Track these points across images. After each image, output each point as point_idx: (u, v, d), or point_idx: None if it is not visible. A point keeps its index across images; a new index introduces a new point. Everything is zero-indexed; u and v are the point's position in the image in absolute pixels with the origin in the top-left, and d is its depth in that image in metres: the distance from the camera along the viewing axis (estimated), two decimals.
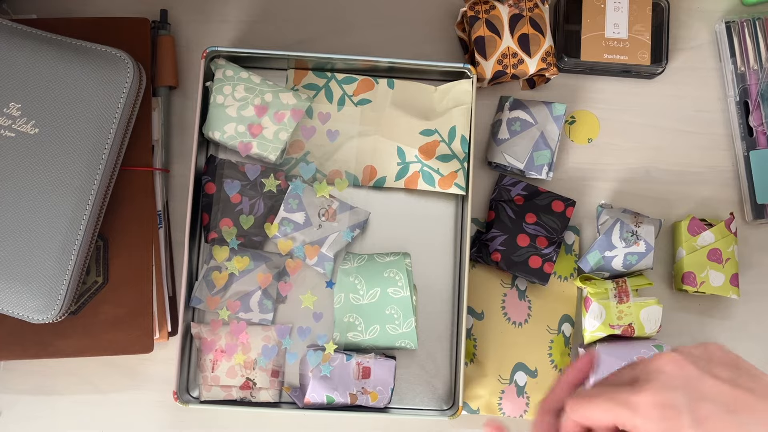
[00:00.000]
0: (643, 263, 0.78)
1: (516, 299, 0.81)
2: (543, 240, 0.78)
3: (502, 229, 0.79)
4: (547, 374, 0.79)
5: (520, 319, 0.80)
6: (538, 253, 0.78)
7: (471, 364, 0.80)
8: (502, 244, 0.78)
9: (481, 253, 0.80)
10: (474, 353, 0.80)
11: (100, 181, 0.72)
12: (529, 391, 0.79)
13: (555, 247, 0.78)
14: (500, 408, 0.79)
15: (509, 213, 0.79)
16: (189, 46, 0.84)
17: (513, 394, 0.79)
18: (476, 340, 0.80)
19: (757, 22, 0.83)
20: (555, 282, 0.81)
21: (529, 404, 0.79)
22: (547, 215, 0.79)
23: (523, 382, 0.79)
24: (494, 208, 0.80)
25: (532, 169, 0.80)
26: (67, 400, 0.80)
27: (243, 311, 0.78)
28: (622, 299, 0.77)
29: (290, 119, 0.78)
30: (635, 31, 0.82)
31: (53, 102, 0.71)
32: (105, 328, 0.76)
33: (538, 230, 0.78)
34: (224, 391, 0.77)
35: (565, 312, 0.81)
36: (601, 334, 0.78)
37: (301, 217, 0.78)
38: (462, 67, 0.79)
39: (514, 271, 0.79)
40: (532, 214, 0.79)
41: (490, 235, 0.79)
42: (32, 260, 0.70)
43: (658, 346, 0.78)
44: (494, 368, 0.79)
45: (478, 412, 0.79)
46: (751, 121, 0.83)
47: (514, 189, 0.81)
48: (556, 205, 0.80)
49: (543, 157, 0.80)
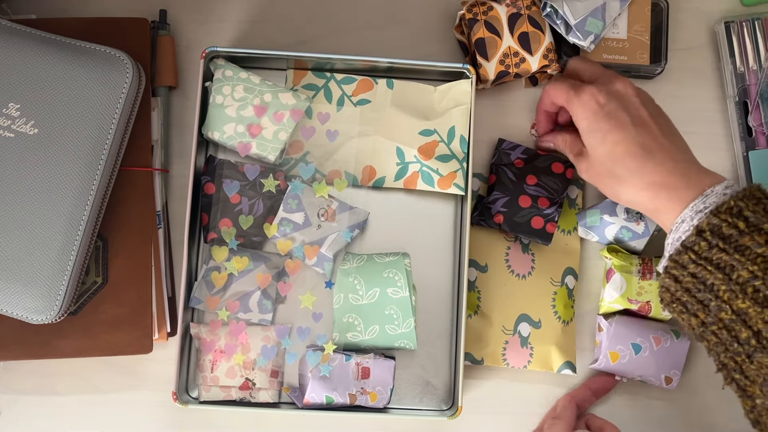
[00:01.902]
0: (634, 244, 0.79)
1: (519, 252, 0.81)
2: (545, 200, 0.79)
3: (504, 191, 0.79)
4: (551, 326, 0.80)
5: (524, 271, 0.81)
6: (540, 214, 0.79)
7: (475, 315, 0.80)
8: (504, 205, 0.79)
9: (483, 216, 0.80)
10: (478, 305, 0.80)
11: (100, 181, 0.72)
12: (533, 341, 0.79)
13: (557, 207, 0.79)
14: (504, 359, 0.79)
15: (510, 175, 0.80)
16: (188, 46, 0.84)
17: (517, 345, 0.79)
18: (480, 293, 0.80)
19: (757, 22, 0.83)
20: (558, 235, 0.82)
21: (532, 355, 0.79)
22: (547, 176, 0.80)
23: (527, 333, 0.79)
24: (495, 172, 0.81)
25: (580, 32, 0.79)
26: (66, 400, 0.80)
27: (242, 311, 0.78)
28: (645, 276, 0.78)
29: (289, 119, 0.78)
30: (634, 32, 0.82)
31: (52, 102, 0.71)
32: (104, 329, 0.76)
33: (539, 191, 0.79)
34: (223, 392, 0.77)
35: (568, 265, 0.81)
36: (618, 306, 0.79)
37: (300, 218, 0.79)
38: (461, 68, 0.79)
39: (517, 232, 0.79)
40: (532, 176, 0.79)
41: (491, 198, 0.80)
42: (31, 260, 0.70)
43: (676, 332, 0.78)
44: (498, 319, 0.80)
45: (482, 362, 0.79)
46: (750, 121, 0.82)
47: (513, 153, 0.81)
48: (555, 166, 0.80)
49: (595, 26, 0.78)
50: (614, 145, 0.68)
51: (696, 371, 0.82)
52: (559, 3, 0.79)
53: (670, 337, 0.78)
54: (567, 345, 0.80)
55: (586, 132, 0.70)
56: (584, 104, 0.70)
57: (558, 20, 0.80)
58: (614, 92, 0.70)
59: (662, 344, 0.78)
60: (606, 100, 0.69)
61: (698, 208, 0.62)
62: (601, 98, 0.69)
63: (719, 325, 0.60)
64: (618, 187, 0.68)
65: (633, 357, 0.78)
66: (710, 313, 0.61)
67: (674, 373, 0.79)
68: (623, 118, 0.68)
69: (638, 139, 0.67)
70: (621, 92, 0.70)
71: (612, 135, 0.68)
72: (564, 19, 0.79)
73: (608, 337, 0.78)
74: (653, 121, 0.69)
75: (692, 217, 0.62)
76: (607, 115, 0.69)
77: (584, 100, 0.70)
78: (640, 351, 0.78)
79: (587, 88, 0.71)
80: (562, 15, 0.79)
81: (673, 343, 0.78)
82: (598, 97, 0.69)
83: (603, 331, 0.80)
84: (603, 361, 0.78)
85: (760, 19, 0.83)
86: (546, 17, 0.80)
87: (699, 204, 0.62)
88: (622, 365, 0.78)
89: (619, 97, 0.69)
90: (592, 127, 0.69)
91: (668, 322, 0.80)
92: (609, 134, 0.68)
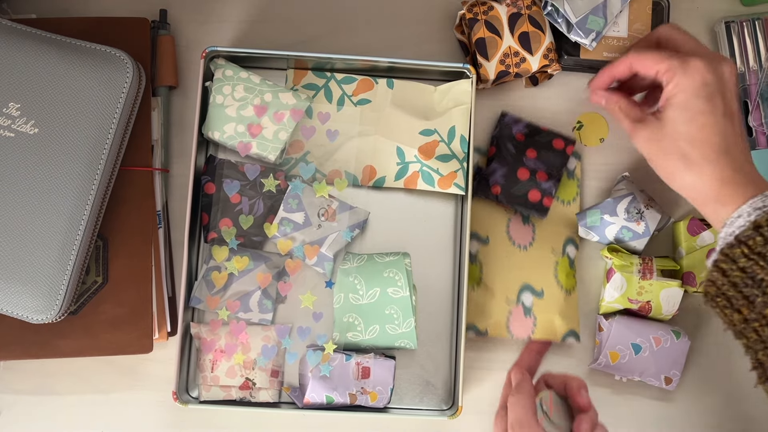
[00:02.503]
0: (635, 244, 0.78)
1: (520, 224, 0.82)
2: (543, 174, 0.79)
3: (503, 163, 0.80)
4: (553, 295, 0.80)
5: (525, 242, 0.81)
6: (537, 187, 0.79)
7: (477, 288, 0.80)
8: (502, 177, 0.79)
9: (481, 186, 0.80)
10: (480, 277, 0.80)
11: (100, 181, 0.72)
12: (536, 311, 0.80)
13: (555, 182, 0.79)
14: (508, 329, 0.79)
15: (510, 148, 0.80)
16: (189, 46, 0.84)
17: (520, 315, 0.79)
18: (482, 265, 0.81)
19: (757, 22, 0.83)
20: (558, 206, 0.82)
21: (536, 324, 0.79)
22: (547, 151, 0.80)
23: (530, 303, 0.80)
24: (495, 144, 0.81)
25: (582, 30, 0.79)
26: (66, 400, 0.80)
27: (242, 311, 0.78)
28: (646, 276, 0.78)
29: (290, 119, 0.78)
30: (635, 30, 0.82)
31: (53, 102, 0.71)
32: (105, 328, 0.76)
33: (538, 165, 0.79)
34: (224, 391, 0.77)
35: (568, 235, 0.82)
36: (618, 306, 0.79)
37: (300, 217, 0.79)
38: (461, 67, 0.79)
39: (513, 204, 0.79)
40: (532, 150, 0.80)
41: (490, 169, 0.80)
42: (32, 260, 0.70)
43: (676, 332, 0.78)
44: (501, 290, 0.80)
45: (486, 333, 0.79)
46: (750, 121, 0.83)
47: (515, 126, 0.81)
48: (556, 143, 0.80)
49: (596, 23, 0.78)
50: (700, 129, 0.66)
51: (696, 371, 0.82)
52: (560, 2, 0.79)
53: (670, 337, 0.78)
54: (570, 313, 0.80)
55: (677, 105, 0.68)
56: (690, 76, 0.67)
57: (559, 18, 0.80)
58: (720, 75, 0.68)
59: (662, 344, 0.78)
60: (712, 79, 0.67)
61: (757, 205, 0.62)
62: (709, 77, 0.67)
63: (762, 322, 0.61)
64: (684, 169, 0.67)
65: (633, 357, 0.78)
66: (754, 309, 0.61)
67: (674, 374, 0.79)
68: (719, 105, 0.67)
69: (724, 130, 0.66)
70: (726, 77, 0.68)
71: (703, 118, 0.66)
72: (565, 18, 0.79)
73: (608, 337, 0.78)
74: (738, 117, 0.68)
75: (750, 213, 0.62)
76: (706, 96, 0.67)
77: (691, 73, 0.67)
78: (640, 351, 0.78)
79: (696, 61, 0.67)
80: (563, 13, 0.79)
81: (673, 343, 0.78)
82: (706, 74, 0.67)
83: (603, 331, 0.80)
84: (603, 360, 0.78)
85: (760, 19, 0.83)
86: (547, 16, 0.80)
87: (758, 202, 0.63)
88: (622, 365, 0.78)
89: (723, 82, 0.67)
90: (688, 103, 0.67)
91: (668, 322, 0.80)
92: (700, 116, 0.66)
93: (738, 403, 0.82)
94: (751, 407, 0.81)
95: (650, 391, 0.81)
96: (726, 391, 0.82)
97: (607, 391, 0.81)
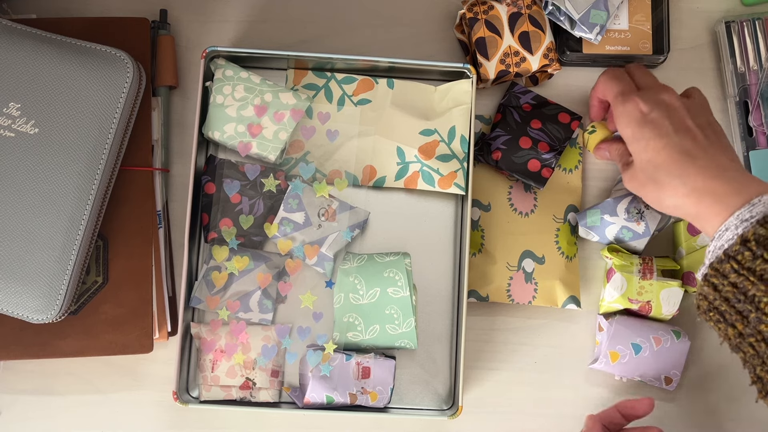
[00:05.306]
0: (635, 244, 0.78)
1: (522, 191, 0.82)
2: (545, 145, 0.79)
3: (506, 130, 0.80)
4: (555, 261, 0.80)
5: (527, 209, 0.81)
6: (538, 157, 0.79)
7: (479, 254, 0.81)
8: (504, 143, 0.79)
9: (482, 151, 0.80)
10: (482, 243, 0.81)
11: (100, 181, 0.72)
12: (537, 277, 0.80)
13: (556, 154, 0.79)
14: (509, 294, 0.80)
15: (515, 117, 0.80)
16: (189, 46, 0.84)
17: (521, 280, 0.80)
18: (483, 231, 0.81)
19: (757, 22, 0.83)
20: (560, 174, 0.83)
21: (537, 290, 0.80)
22: (552, 124, 0.80)
23: (531, 269, 0.80)
24: (501, 111, 0.81)
25: (585, 25, 0.79)
26: (66, 400, 0.80)
27: (243, 311, 0.78)
28: (646, 276, 0.78)
29: (290, 119, 0.78)
30: (636, 21, 0.82)
31: (53, 102, 0.71)
32: (105, 328, 0.76)
33: (541, 136, 0.79)
34: (224, 391, 0.77)
35: (570, 202, 0.82)
36: (618, 306, 0.79)
37: (300, 217, 0.79)
38: (462, 67, 0.79)
39: (512, 171, 0.79)
40: (537, 121, 0.80)
41: (493, 134, 0.80)
42: (32, 260, 0.70)
43: (676, 332, 0.78)
44: (502, 256, 0.80)
45: (487, 299, 0.80)
46: (750, 121, 0.82)
47: (524, 97, 0.82)
48: (562, 116, 0.81)
49: (599, 17, 0.79)
50: (656, 153, 0.67)
51: (696, 372, 0.82)
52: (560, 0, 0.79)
53: (670, 337, 0.78)
54: (571, 280, 0.80)
55: (630, 140, 0.70)
56: (628, 113, 0.70)
57: (561, 16, 0.80)
58: (659, 101, 0.69)
59: (662, 344, 0.78)
60: (649, 108, 0.69)
61: (744, 216, 0.60)
62: (644, 107, 0.69)
63: (758, 338, 0.59)
64: (660, 193, 0.67)
65: (633, 357, 0.78)
66: (749, 325, 0.59)
67: (674, 374, 0.79)
68: (665, 126, 0.68)
69: (680, 144, 0.66)
70: (665, 101, 0.69)
71: (654, 142, 0.67)
72: (567, 15, 0.79)
73: (608, 336, 0.78)
74: (698, 129, 0.68)
75: (737, 226, 0.60)
76: (649, 124, 0.68)
77: (628, 109, 0.70)
78: (640, 351, 0.78)
79: (632, 97, 0.70)
80: (565, 11, 0.79)
81: (673, 343, 0.78)
82: (641, 105, 0.69)
83: (603, 331, 0.80)
84: (603, 361, 0.78)
85: (761, 19, 0.83)
86: (549, 15, 0.80)
87: (745, 213, 0.60)
88: (622, 365, 0.78)
89: (663, 106, 0.69)
90: (636, 136, 0.69)
91: (668, 322, 0.80)
92: (651, 141, 0.67)
93: (738, 403, 0.82)
94: (750, 407, 0.81)
95: (650, 391, 0.81)
96: (726, 391, 0.82)
97: (607, 391, 0.81)
